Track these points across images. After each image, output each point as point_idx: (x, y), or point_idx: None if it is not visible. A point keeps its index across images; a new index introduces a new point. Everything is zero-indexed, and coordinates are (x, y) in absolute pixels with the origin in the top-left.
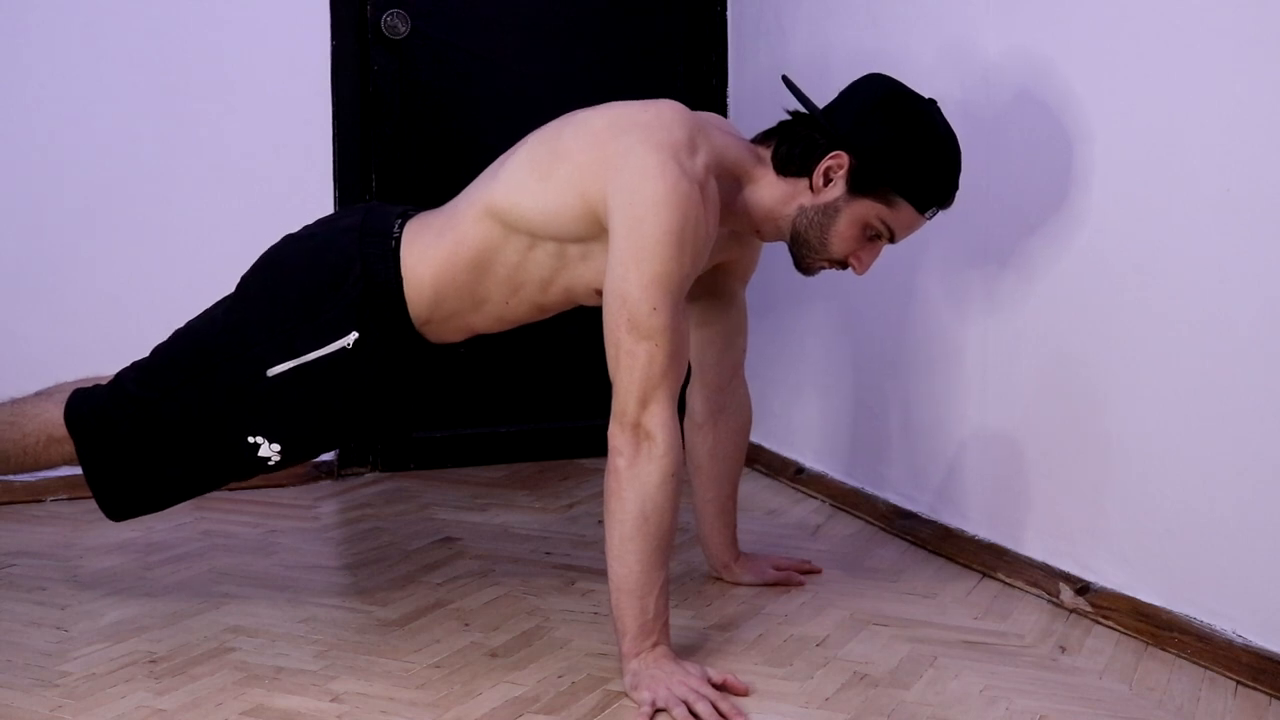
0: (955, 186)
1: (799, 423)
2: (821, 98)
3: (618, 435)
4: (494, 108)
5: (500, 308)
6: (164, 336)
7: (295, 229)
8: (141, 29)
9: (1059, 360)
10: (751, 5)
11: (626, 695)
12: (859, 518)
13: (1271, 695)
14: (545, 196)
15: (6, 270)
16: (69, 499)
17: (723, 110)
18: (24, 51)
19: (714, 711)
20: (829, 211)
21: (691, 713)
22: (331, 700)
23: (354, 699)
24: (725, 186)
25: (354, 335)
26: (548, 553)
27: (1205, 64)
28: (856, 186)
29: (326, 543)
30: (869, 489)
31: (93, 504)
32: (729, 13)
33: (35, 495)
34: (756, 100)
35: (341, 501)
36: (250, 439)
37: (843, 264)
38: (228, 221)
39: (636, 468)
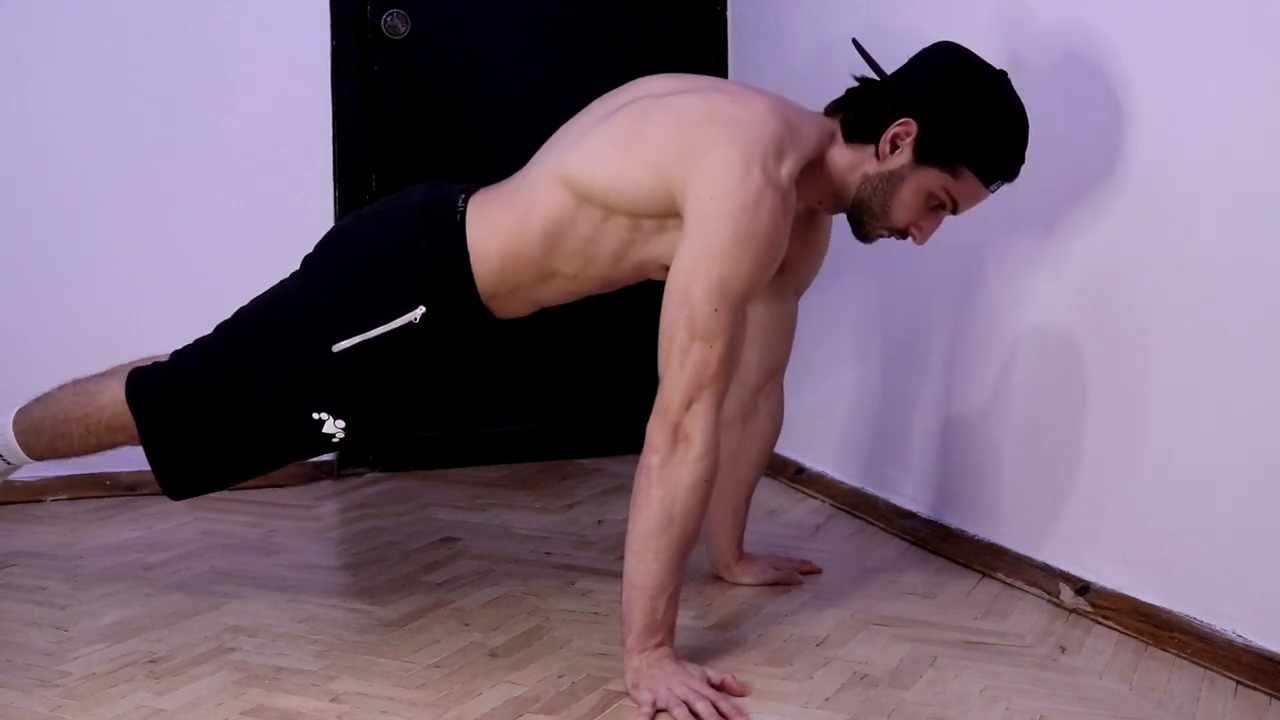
0: (1022, 160)
1: (799, 423)
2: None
3: (656, 432)
4: (494, 108)
5: (569, 282)
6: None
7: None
8: (141, 29)
9: (1059, 361)
10: (751, 5)
11: (626, 695)
12: (859, 518)
13: (1271, 695)
14: (624, 172)
15: (6, 270)
16: (69, 499)
17: None
18: (24, 51)
19: (714, 711)
20: (893, 179)
21: (692, 713)
22: (331, 700)
23: (354, 699)
24: (806, 175)
25: (420, 310)
26: (548, 553)
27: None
28: (923, 155)
29: (326, 543)
30: (869, 489)
31: (93, 504)
32: (729, 13)
33: (35, 495)
34: None
35: (341, 501)
36: (315, 415)
37: (903, 233)
38: (228, 221)
39: (670, 468)
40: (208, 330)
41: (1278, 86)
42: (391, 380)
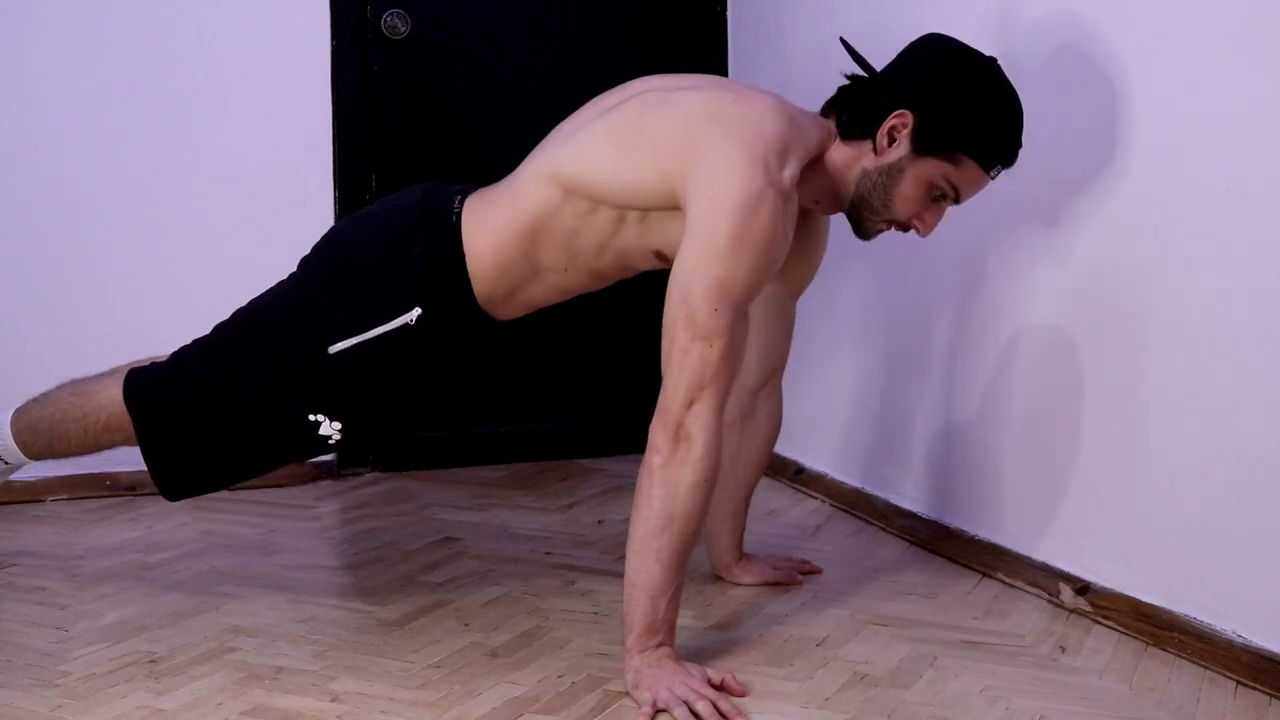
0: (1019, 144)
1: (799, 423)
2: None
3: (658, 432)
4: (494, 108)
5: (559, 276)
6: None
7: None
8: (141, 30)
9: (1059, 361)
10: (751, 5)
11: (627, 695)
12: (859, 518)
13: (1271, 695)
14: (623, 167)
15: (6, 270)
16: (69, 499)
17: None
18: (24, 52)
19: (714, 711)
20: (892, 172)
21: (692, 713)
22: (331, 700)
23: (354, 699)
24: (806, 175)
25: (417, 311)
26: (548, 553)
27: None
28: (921, 146)
29: (326, 543)
30: (869, 489)
31: (93, 504)
32: (729, 13)
33: (35, 495)
34: None
35: (341, 501)
36: (311, 417)
37: (905, 226)
38: (228, 221)
39: (671, 468)
40: (207, 330)
41: (1277, 78)
42: (388, 382)
